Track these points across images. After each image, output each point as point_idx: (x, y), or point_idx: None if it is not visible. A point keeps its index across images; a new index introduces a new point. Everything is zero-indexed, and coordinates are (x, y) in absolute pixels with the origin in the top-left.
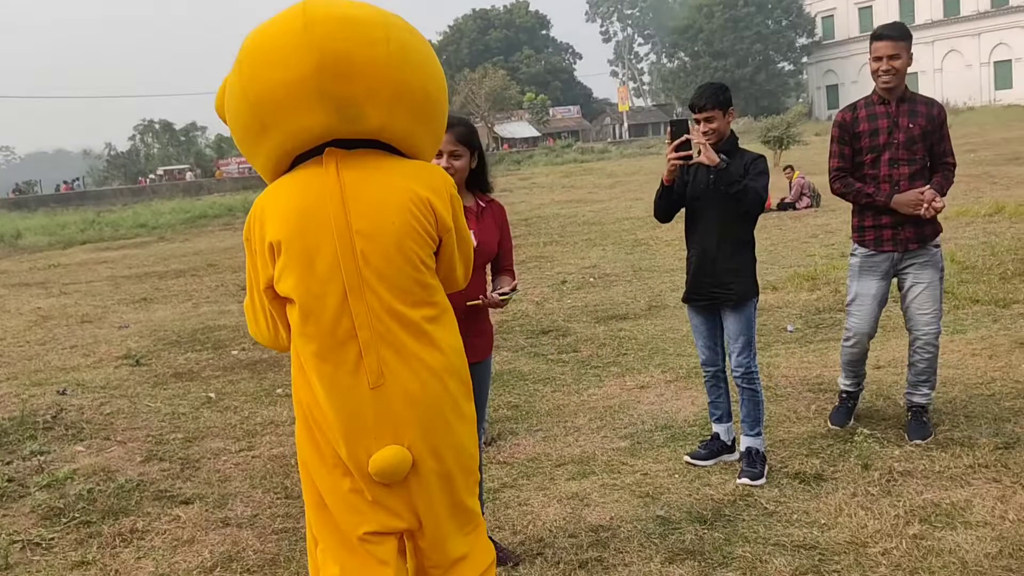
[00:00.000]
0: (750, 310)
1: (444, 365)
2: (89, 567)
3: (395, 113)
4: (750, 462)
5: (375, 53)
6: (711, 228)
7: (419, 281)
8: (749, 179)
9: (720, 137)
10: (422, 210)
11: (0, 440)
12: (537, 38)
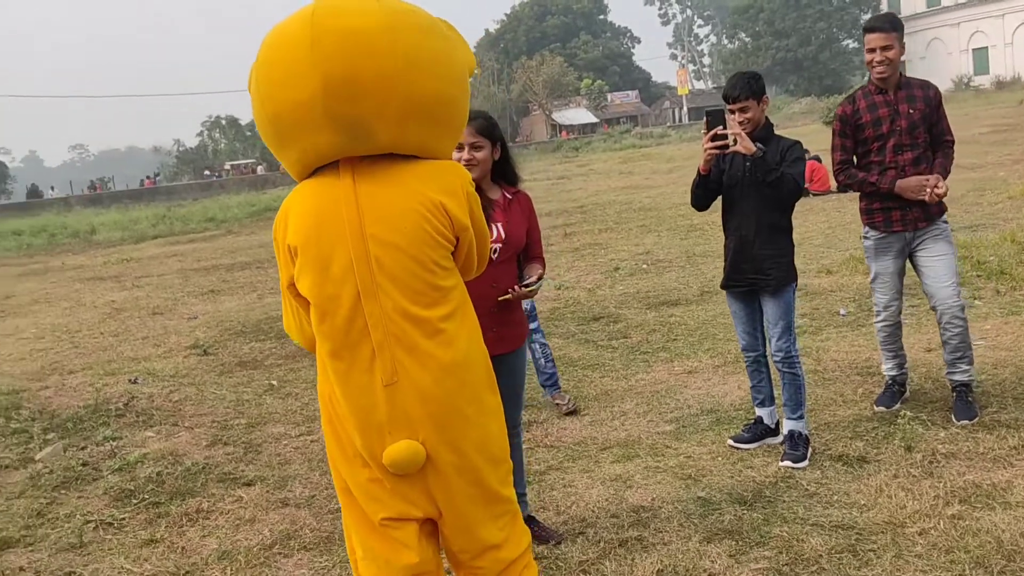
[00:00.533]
0: (789, 295)
1: (460, 360)
2: (157, 545)
3: (406, 126)
4: (792, 445)
5: (382, 67)
6: (748, 215)
7: (432, 284)
8: (786, 166)
9: (755, 125)
10: (436, 214)
11: (76, 427)
12: (594, 23)
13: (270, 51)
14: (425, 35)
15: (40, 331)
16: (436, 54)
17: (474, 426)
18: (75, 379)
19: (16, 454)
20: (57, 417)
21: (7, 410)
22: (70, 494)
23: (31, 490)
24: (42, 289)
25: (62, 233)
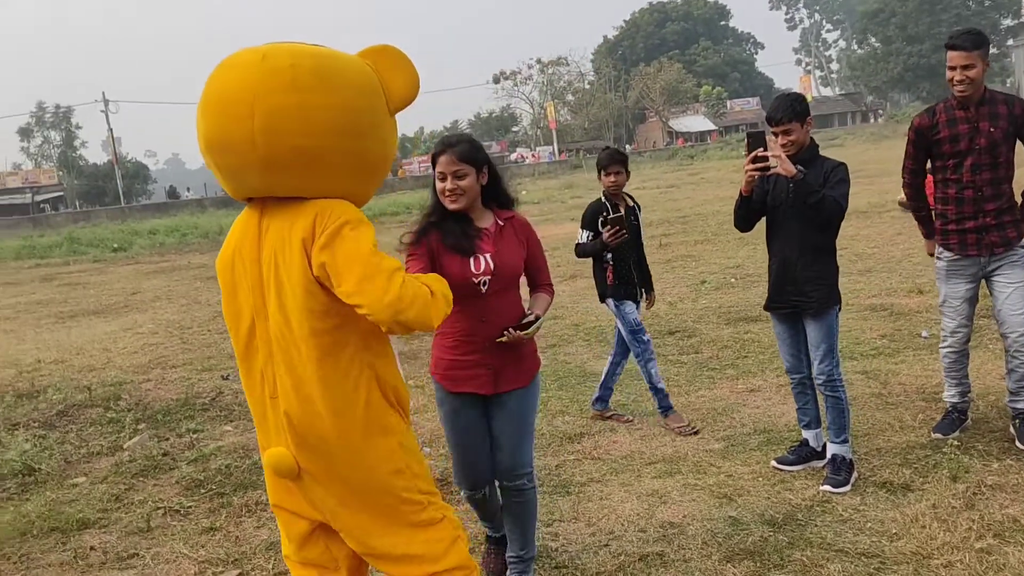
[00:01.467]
0: (831, 318)
1: (344, 387)
2: (215, 533)
3: (272, 176)
4: (834, 469)
5: (239, 131)
6: (791, 237)
7: (315, 311)
8: (828, 188)
9: (799, 147)
10: (301, 253)
11: (164, 418)
12: (716, 29)
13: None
14: (292, 94)
15: (155, 326)
16: (299, 113)
17: (357, 451)
18: (175, 373)
19: (108, 442)
20: (150, 409)
21: (107, 400)
22: (147, 481)
23: (113, 476)
24: (165, 286)
25: (193, 233)
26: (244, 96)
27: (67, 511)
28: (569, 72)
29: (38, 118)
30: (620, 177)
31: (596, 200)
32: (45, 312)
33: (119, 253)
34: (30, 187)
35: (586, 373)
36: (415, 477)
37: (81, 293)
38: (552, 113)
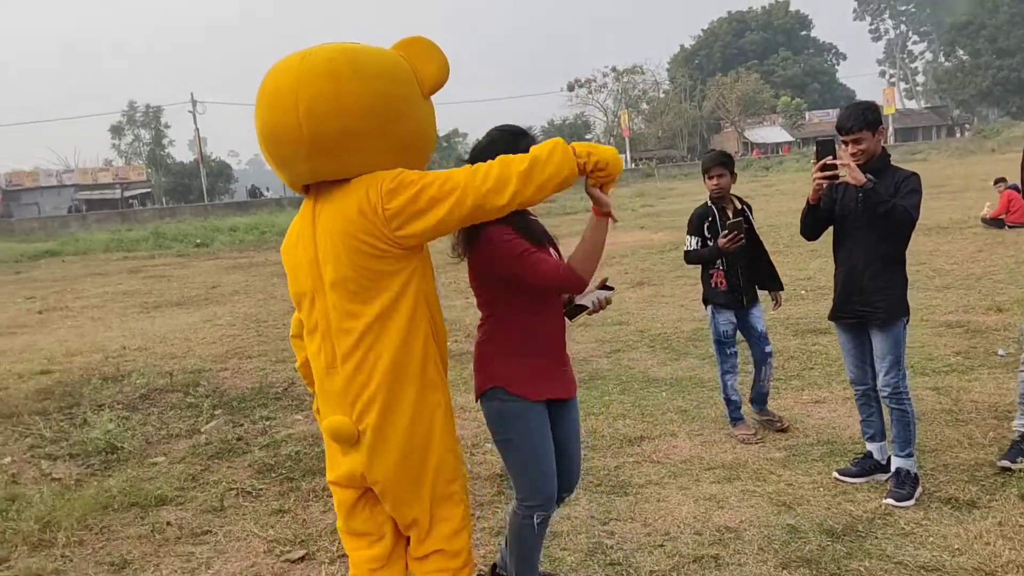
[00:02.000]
0: (898, 329)
1: (383, 355)
2: (284, 515)
3: (317, 161)
4: (898, 483)
5: (287, 121)
6: (859, 246)
7: (362, 285)
8: (899, 198)
9: (870, 157)
10: (363, 222)
11: (239, 405)
12: (796, 39)
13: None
14: (330, 81)
15: (233, 319)
16: (336, 98)
17: (395, 413)
18: (250, 364)
19: (187, 425)
20: (226, 396)
21: (187, 387)
22: (221, 463)
23: (191, 457)
24: (244, 281)
25: (271, 231)
26: (289, 90)
27: (146, 488)
28: (644, 81)
29: (129, 117)
30: (723, 180)
31: (702, 205)
32: (131, 302)
33: (201, 248)
34: (120, 183)
35: (649, 379)
36: (453, 442)
37: (165, 285)
38: (626, 121)
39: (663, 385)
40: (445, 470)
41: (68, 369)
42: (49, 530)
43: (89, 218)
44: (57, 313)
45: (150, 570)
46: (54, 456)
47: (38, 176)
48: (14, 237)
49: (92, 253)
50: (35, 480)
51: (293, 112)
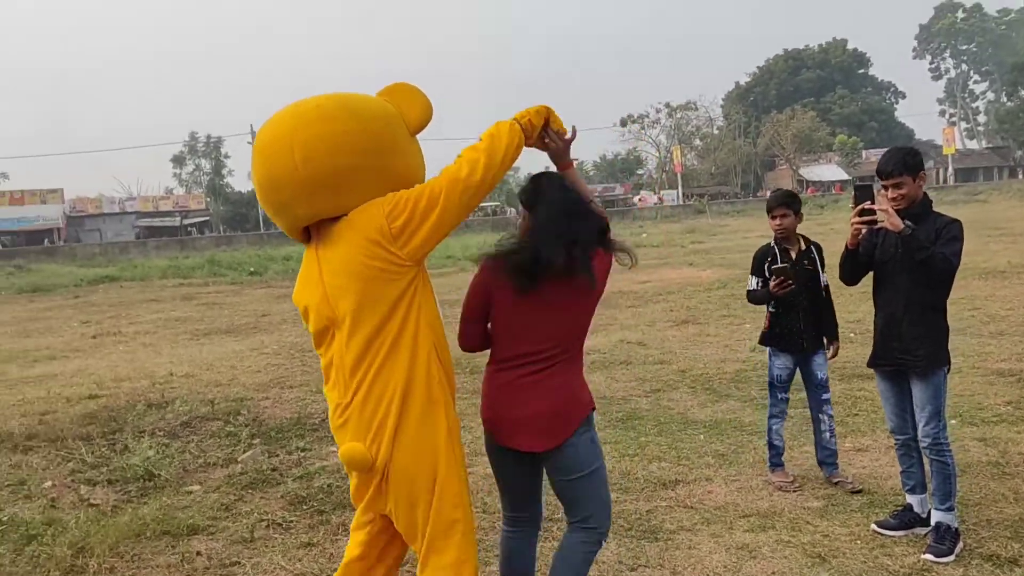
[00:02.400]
0: (938, 379)
1: (398, 383)
2: (312, 548)
3: (315, 199)
4: (938, 537)
5: (284, 165)
6: (899, 292)
7: (372, 314)
8: (939, 245)
9: (911, 202)
10: (371, 247)
11: (277, 435)
12: (854, 77)
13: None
14: (322, 124)
15: (279, 348)
16: (329, 138)
17: (403, 438)
18: (291, 393)
19: (224, 454)
20: (265, 425)
21: (228, 415)
22: (255, 494)
23: (225, 486)
24: (292, 310)
25: None
26: (285, 137)
27: (179, 516)
28: (698, 117)
29: (191, 147)
30: (787, 220)
31: (765, 244)
32: (182, 329)
33: (254, 276)
34: (180, 211)
35: (687, 420)
36: (458, 467)
37: (216, 312)
38: (678, 157)
39: (702, 427)
40: (449, 494)
41: (115, 394)
42: (82, 556)
43: (148, 245)
44: (110, 338)
45: None
46: (93, 481)
47: (101, 203)
48: (75, 262)
49: (149, 279)
50: (73, 505)
51: (289, 157)
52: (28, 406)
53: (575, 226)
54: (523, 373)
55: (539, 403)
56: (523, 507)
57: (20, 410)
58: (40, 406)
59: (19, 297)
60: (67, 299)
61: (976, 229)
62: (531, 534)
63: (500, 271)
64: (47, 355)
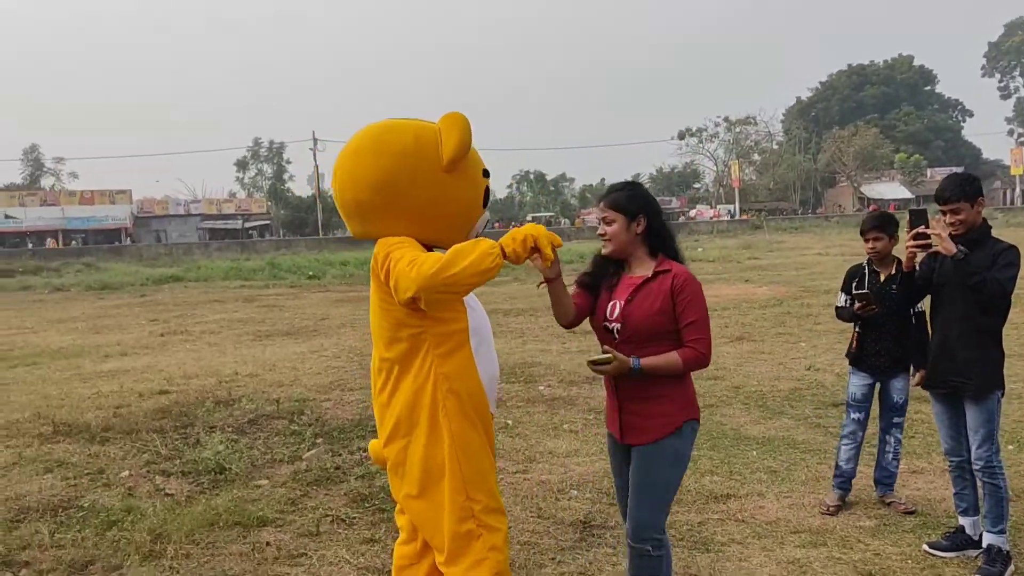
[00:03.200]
0: (992, 403)
1: (404, 398)
2: (375, 544)
3: (353, 224)
4: (989, 560)
5: (333, 190)
6: (954, 316)
7: (389, 329)
8: (995, 270)
9: (968, 227)
10: (377, 281)
11: (339, 435)
12: (919, 94)
13: None
14: (352, 158)
15: (339, 351)
16: (353, 172)
17: (410, 446)
18: (352, 395)
19: (289, 451)
20: (327, 425)
21: (292, 415)
22: (319, 490)
23: (291, 482)
24: (351, 314)
25: None
26: (336, 162)
27: (250, 509)
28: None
29: (254, 152)
30: (880, 243)
31: (857, 264)
32: (245, 330)
33: (313, 280)
34: (242, 214)
35: (740, 436)
36: (462, 485)
37: (277, 315)
38: (736, 172)
39: (754, 444)
40: (455, 510)
41: (185, 391)
42: (160, 542)
43: (211, 247)
44: (177, 337)
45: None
46: (168, 472)
47: (167, 204)
48: (141, 261)
49: (212, 280)
50: (149, 494)
51: (335, 182)
52: (103, 399)
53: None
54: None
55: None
56: None
57: (95, 403)
58: (114, 400)
59: (88, 294)
60: (134, 297)
61: None
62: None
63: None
64: (118, 351)
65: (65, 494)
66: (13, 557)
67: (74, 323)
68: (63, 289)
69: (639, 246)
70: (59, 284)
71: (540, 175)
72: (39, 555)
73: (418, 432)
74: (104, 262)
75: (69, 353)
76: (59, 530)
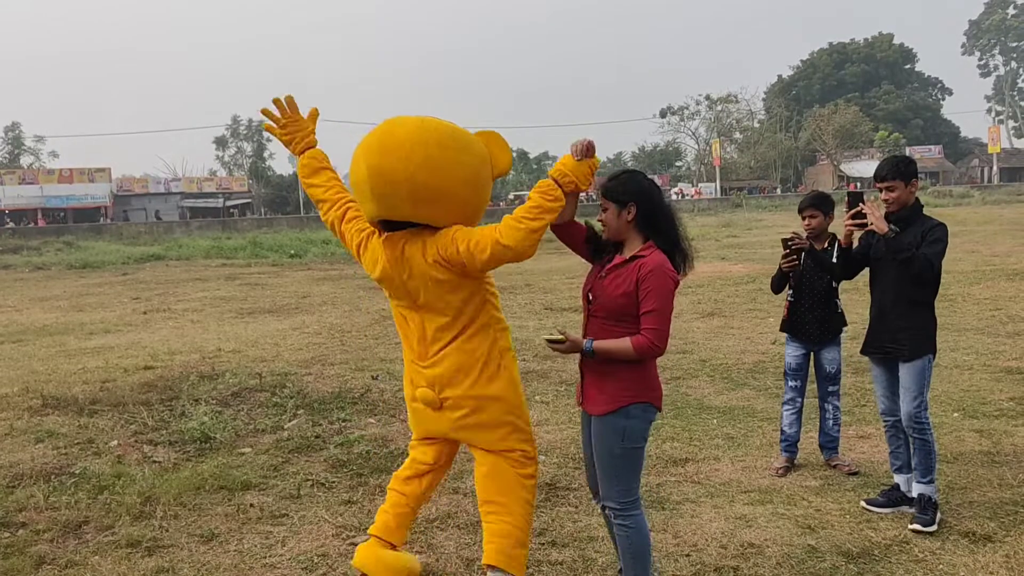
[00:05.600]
0: (923, 364)
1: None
2: (353, 505)
3: (417, 206)
4: (921, 508)
5: (399, 168)
6: (888, 288)
7: (459, 298)
8: (924, 246)
9: (901, 205)
10: (438, 260)
11: (319, 407)
12: (899, 73)
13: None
14: (442, 150)
15: (320, 328)
16: (444, 163)
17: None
18: (332, 370)
19: (272, 422)
20: (308, 397)
21: (274, 388)
22: (300, 457)
23: (274, 450)
24: (332, 292)
25: None
26: (407, 143)
27: (234, 474)
28: (738, 110)
29: (233, 130)
30: (815, 220)
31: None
32: (227, 307)
33: (295, 259)
34: (222, 193)
35: (703, 406)
36: (520, 410)
37: (259, 293)
38: (718, 150)
39: (716, 413)
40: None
41: (169, 366)
42: (149, 504)
43: (192, 225)
44: (160, 314)
45: (234, 543)
46: (155, 442)
47: (147, 183)
48: (122, 240)
49: (194, 259)
50: (138, 462)
51: (407, 162)
52: (88, 374)
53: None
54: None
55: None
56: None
57: (81, 378)
58: (100, 375)
59: (69, 273)
60: (116, 276)
61: (1014, 232)
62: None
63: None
64: (102, 328)
65: (57, 462)
66: (10, 519)
67: (57, 301)
68: (44, 268)
69: (631, 232)
70: (40, 263)
71: (523, 153)
72: (35, 516)
73: (489, 371)
74: (84, 240)
75: (53, 331)
76: (53, 494)
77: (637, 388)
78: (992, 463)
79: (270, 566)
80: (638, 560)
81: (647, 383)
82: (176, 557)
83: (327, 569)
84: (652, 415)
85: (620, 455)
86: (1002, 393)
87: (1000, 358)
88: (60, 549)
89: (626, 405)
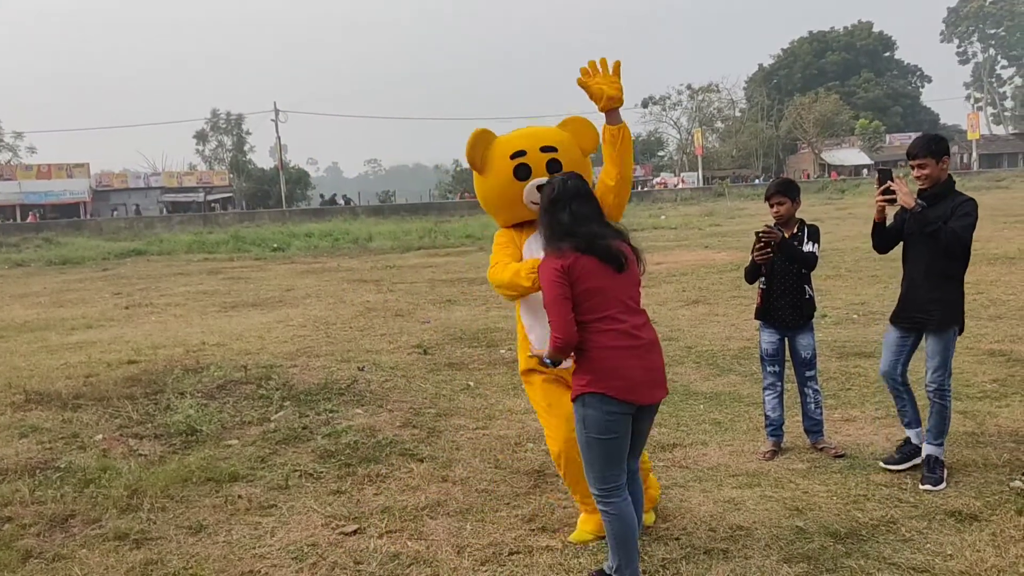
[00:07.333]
0: (950, 336)
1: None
2: (341, 495)
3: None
4: (930, 468)
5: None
6: (919, 261)
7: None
8: (954, 220)
9: (933, 182)
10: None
11: (306, 398)
12: (879, 61)
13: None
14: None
15: (304, 320)
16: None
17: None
18: (318, 362)
19: (258, 414)
20: (295, 389)
21: (260, 380)
22: (288, 448)
23: (261, 441)
24: (316, 285)
25: (344, 238)
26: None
27: (221, 466)
28: (720, 99)
29: (213, 124)
30: (783, 207)
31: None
32: (210, 302)
33: (278, 252)
34: (203, 187)
35: (689, 392)
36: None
37: (243, 286)
38: (699, 139)
39: (702, 398)
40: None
41: (153, 360)
42: (136, 497)
43: (173, 219)
44: (143, 309)
45: (222, 534)
46: (140, 435)
47: (127, 178)
48: (102, 235)
49: (175, 254)
50: (123, 455)
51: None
52: (71, 369)
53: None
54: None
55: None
56: (623, 465)
57: (64, 373)
58: (83, 369)
59: (49, 269)
60: (96, 271)
61: (994, 217)
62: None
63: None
64: (84, 324)
65: (42, 456)
66: None
67: (37, 297)
68: (23, 264)
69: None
70: (19, 259)
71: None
72: (21, 511)
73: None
74: (64, 236)
75: (34, 327)
76: (38, 488)
77: (588, 378)
78: (977, 443)
79: (259, 556)
80: (621, 545)
81: (600, 374)
82: (164, 549)
83: (317, 559)
84: (611, 406)
85: (585, 443)
86: (985, 375)
87: (983, 341)
88: (47, 543)
89: (580, 395)
